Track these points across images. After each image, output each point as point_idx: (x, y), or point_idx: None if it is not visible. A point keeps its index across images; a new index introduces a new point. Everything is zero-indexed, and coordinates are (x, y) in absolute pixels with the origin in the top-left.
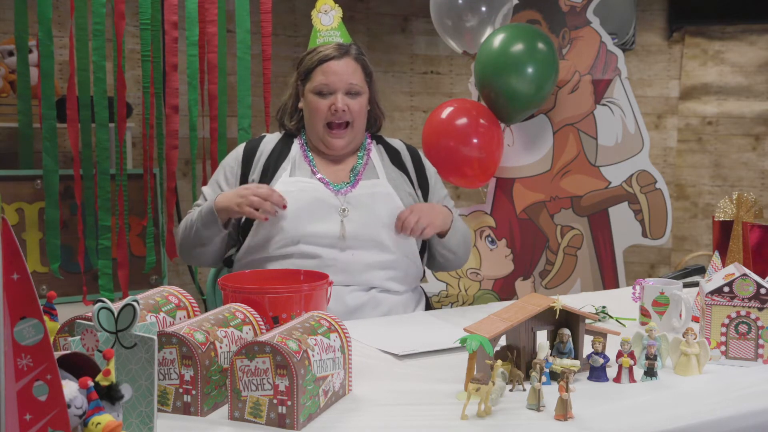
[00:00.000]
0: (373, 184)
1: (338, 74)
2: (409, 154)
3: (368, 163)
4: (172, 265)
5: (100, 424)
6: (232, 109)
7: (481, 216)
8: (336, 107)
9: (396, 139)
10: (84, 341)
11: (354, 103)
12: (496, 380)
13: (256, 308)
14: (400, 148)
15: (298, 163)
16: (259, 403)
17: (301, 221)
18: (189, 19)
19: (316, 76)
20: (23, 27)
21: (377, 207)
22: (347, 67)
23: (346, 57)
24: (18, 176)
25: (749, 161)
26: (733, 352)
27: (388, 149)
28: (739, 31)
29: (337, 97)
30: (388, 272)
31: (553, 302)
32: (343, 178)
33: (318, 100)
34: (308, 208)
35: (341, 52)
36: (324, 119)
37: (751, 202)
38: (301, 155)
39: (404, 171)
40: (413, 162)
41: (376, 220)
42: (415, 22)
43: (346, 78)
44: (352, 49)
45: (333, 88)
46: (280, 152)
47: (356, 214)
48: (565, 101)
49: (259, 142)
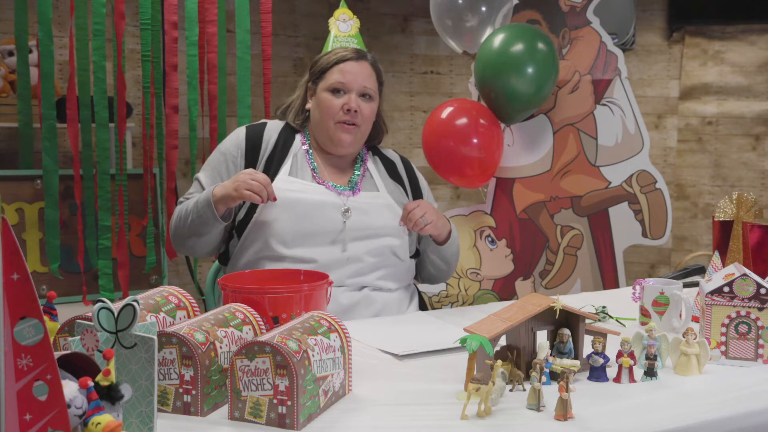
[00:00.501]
0: (374, 195)
1: (354, 74)
2: (403, 166)
3: (365, 174)
4: (172, 265)
5: (100, 424)
6: (232, 109)
7: (481, 216)
8: (349, 106)
9: (389, 150)
10: (84, 341)
11: (366, 106)
12: (496, 380)
13: (256, 308)
14: (395, 160)
15: (300, 163)
16: (259, 403)
17: (301, 222)
18: (189, 19)
19: (331, 75)
20: (23, 27)
21: (379, 214)
22: (364, 70)
23: (363, 60)
24: (18, 176)
25: (749, 161)
26: (733, 352)
27: (384, 161)
28: (739, 31)
29: (350, 96)
30: (381, 272)
31: (553, 302)
32: (343, 184)
33: (331, 98)
34: (310, 210)
35: (359, 55)
36: (335, 118)
37: (751, 202)
38: (303, 154)
39: (400, 183)
40: (407, 174)
41: (377, 222)
42: (415, 22)
43: (361, 80)
44: (369, 55)
45: (348, 87)
46: (284, 145)
47: (358, 217)
48: (565, 101)
49: (262, 129)
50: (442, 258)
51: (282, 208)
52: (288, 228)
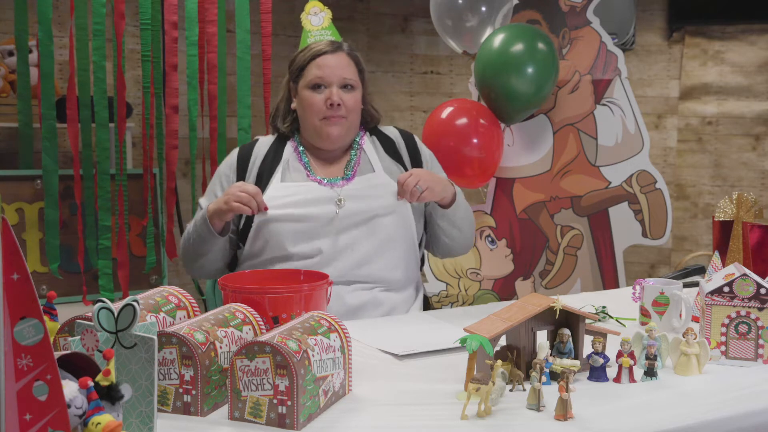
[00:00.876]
0: (369, 178)
1: (332, 67)
2: (403, 141)
3: (361, 158)
4: (172, 265)
5: (100, 424)
6: (232, 109)
7: (481, 216)
8: (332, 100)
9: (390, 127)
10: (84, 341)
11: (349, 97)
12: (496, 380)
13: (256, 308)
14: (394, 137)
15: (292, 165)
16: (259, 403)
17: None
18: (189, 19)
19: (309, 71)
20: (23, 27)
21: (374, 195)
22: (341, 61)
23: (339, 51)
24: (18, 176)
25: (749, 161)
26: (733, 352)
27: (382, 139)
28: (739, 31)
29: (332, 90)
30: (387, 260)
31: (553, 302)
32: (337, 174)
33: (313, 95)
34: (303, 204)
35: (334, 47)
36: (319, 114)
37: (751, 202)
38: (294, 157)
39: (399, 160)
40: (408, 148)
41: (373, 204)
42: (415, 22)
43: (339, 72)
44: (344, 45)
45: (328, 81)
46: (273, 156)
47: (352, 204)
48: (565, 101)
49: (252, 147)
50: (451, 223)
51: (278, 213)
52: (287, 229)
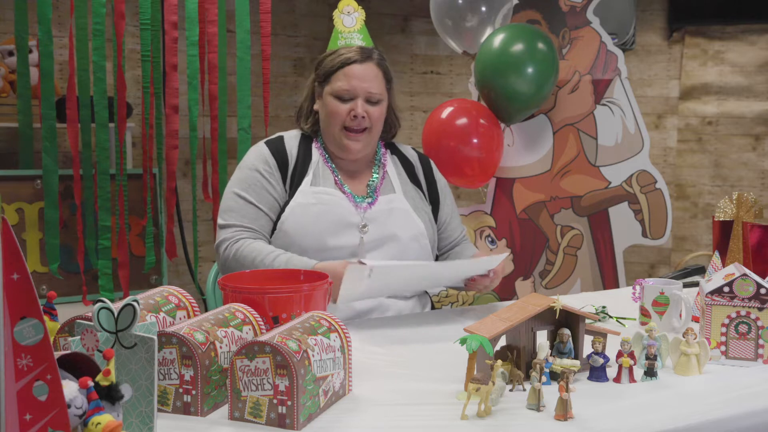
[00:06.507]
0: (390, 199)
1: (360, 79)
2: (421, 166)
3: (385, 178)
4: (172, 265)
5: (100, 424)
6: (232, 109)
7: (481, 216)
8: (356, 113)
9: (409, 147)
10: (84, 341)
11: (374, 110)
12: (496, 380)
13: (256, 308)
14: (413, 160)
15: (321, 168)
16: (259, 403)
17: (322, 237)
18: (189, 19)
19: (337, 80)
20: (23, 27)
21: (394, 223)
22: (369, 73)
23: (368, 62)
24: (18, 176)
25: (749, 161)
26: (733, 352)
27: (403, 160)
28: (739, 31)
29: (357, 102)
30: None
31: (553, 302)
32: (361, 191)
33: (337, 104)
34: (330, 226)
35: (364, 56)
36: (342, 123)
37: (751, 202)
38: (321, 161)
39: (418, 185)
40: (425, 175)
41: (395, 230)
42: (415, 22)
43: (366, 85)
44: (374, 53)
45: (354, 93)
46: (304, 157)
47: (375, 231)
48: (565, 101)
49: (282, 143)
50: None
51: (304, 222)
52: (308, 243)
